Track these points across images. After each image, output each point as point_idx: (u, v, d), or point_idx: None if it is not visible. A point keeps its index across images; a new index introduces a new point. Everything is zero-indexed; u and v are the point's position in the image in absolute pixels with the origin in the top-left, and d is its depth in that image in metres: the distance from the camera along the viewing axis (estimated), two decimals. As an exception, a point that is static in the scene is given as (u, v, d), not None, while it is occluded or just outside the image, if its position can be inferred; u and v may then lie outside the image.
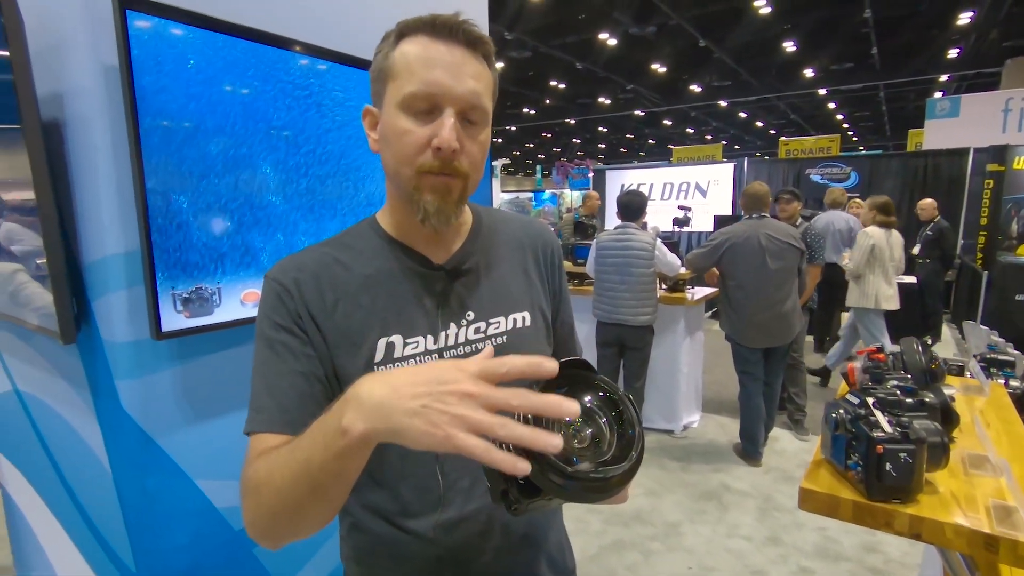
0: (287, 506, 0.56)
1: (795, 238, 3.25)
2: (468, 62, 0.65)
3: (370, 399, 0.48)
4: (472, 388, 0.45)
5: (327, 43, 1.39)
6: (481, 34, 0.67)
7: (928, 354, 1.53)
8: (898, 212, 7.88)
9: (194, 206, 1.17)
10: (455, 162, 0.65)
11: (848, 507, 1.10)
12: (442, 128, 0.63)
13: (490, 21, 1.95)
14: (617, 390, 0.55)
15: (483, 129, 0.68)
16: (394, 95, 0.66)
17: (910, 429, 1.09)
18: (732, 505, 2.98)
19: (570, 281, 4.29)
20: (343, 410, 0.49)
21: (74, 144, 1.13)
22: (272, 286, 0.70)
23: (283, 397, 0.65)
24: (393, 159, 0.67)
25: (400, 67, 0.65)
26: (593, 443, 0.52)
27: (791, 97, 14.10)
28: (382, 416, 0.47)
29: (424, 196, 0.67)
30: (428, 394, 0.46)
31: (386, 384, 0.48)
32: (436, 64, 0.64)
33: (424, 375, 0.48)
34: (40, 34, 1.11)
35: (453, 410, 0.44)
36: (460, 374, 0.46)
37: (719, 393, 4.62)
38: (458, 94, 0.64)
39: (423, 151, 0.65)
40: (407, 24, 0.67)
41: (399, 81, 0.65)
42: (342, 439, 0.49)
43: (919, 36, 9.49)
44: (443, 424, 0.44)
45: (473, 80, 0.65)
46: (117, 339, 1.13)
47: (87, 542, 1.36)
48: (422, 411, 0.45)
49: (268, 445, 0.62)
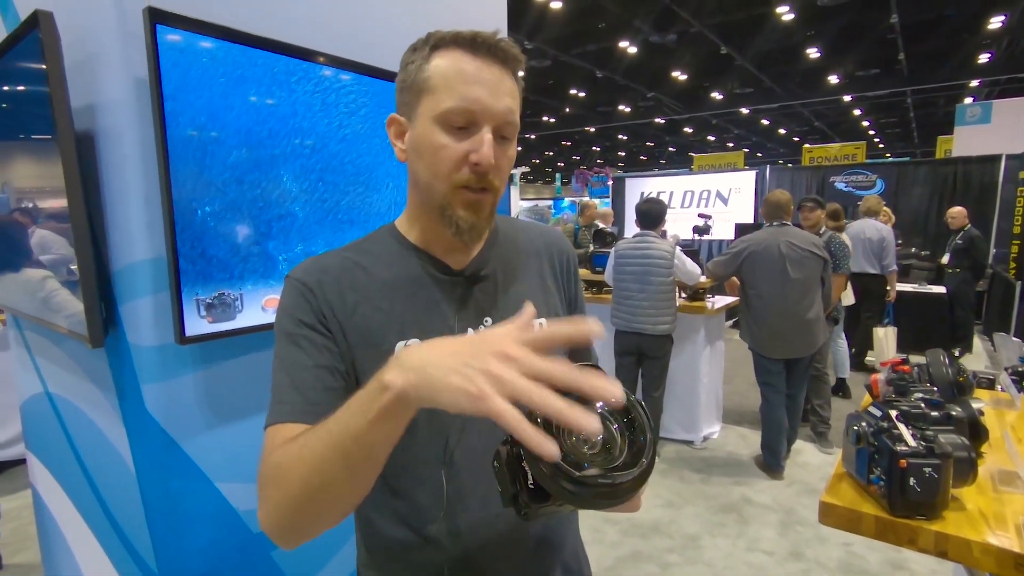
0: (314, 487, 0.54)
1: (817, 246, 3.19)
2: (505, 80, 0.67)
3: (410, 359, 0.49)
4: (514, 351, 0.45)
5: (351, 55, 1.42)
6: (517, 52, 0.68)
7: (955, 366, 1.49)
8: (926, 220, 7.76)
9: (218, 214, 1.20)
10: (489, 176, 0.67)
11: (870, 522, 1.07)
12: (482, 145, 0.65)
13: (510, 30, 1.97)
14: (629, 395, 0.55)
15: (512, 144, 0.70)
16: (430, 109, 0.66)
17: (935, 443, 1.06)
18: (753, 518, 2.92)
19: (588, 289, 4.28)
20: (384, 371, 0.50)
21: (105, 154, 1.17)
22: (295, 285, 0.71)
23: (308, 390, 0.65)
24: (427, 172, 0.68)
25: (437, 81, 0.66)
26: (604, 449, 0.52)
27: (815, 104, 13.90)
28: (422, 374, 0.47)
29: (458, 212, 0.68)
30: (469, 353, 0.46)
31: (428, 347, 0.49)
32: (475, 81, 0.65)
33: (467, 340, 0.48)
34: (75, 49, 1.16)
35: (492, 369, 0.44)
36: (502, 338, 0.46)
37: (740, 404, 4.54)
38: (496, 111, 0.65)
39: (460, 167, 0.66)
40: (441, 37, 0.67)
41: (437, 95, 0.66)
42: (382, 396, 0.48)
43: (948, 41, 9.28)
44: (479, 382, 0.43)
45: (509, 98, 0.67)
46: (143, 343, 1.16)
47: (111, 542, 1.39)
48: (461, 368, 0.45)
49: (292, 434, 0.61)
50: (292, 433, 0.61)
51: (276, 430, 0.64)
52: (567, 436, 0.50)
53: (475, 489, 0.72)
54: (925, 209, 7.85)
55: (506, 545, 0.73)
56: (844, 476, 1.21)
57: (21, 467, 3.22)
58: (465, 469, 0.72)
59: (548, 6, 7.70)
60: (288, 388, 0.66)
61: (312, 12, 1.40)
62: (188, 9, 1.13)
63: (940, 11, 8.15)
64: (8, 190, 1.53)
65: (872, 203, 5.15)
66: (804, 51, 9.87)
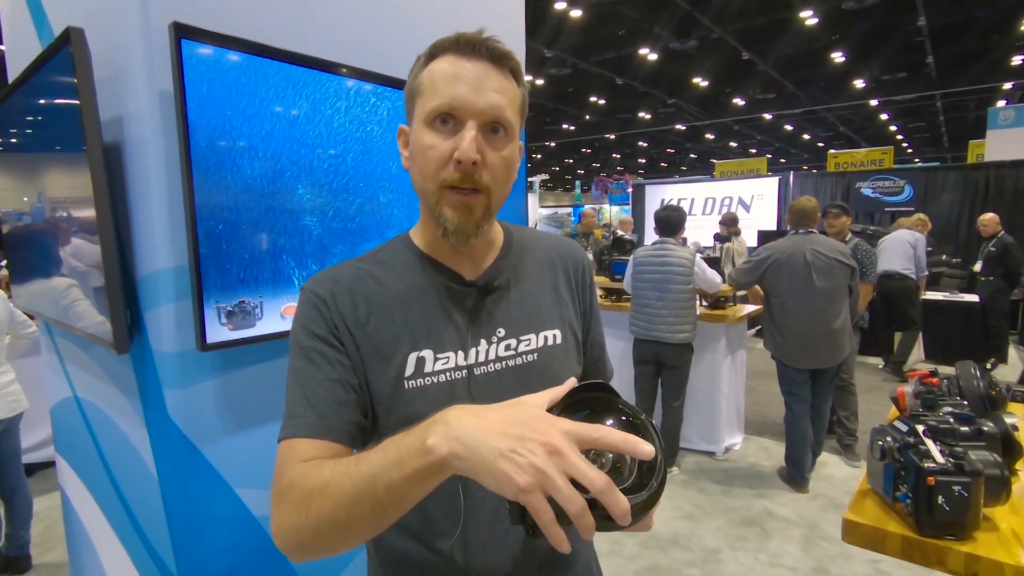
0: (339, 522, 0.54)
1: (844, 254, 3.12)
2: (491, 76, 0.67)
3: (459, 425, 0.49)
4: (562, 446, 0.45)
5: (372, 66, 1.44)
6: (505, 49, 0.68)
7: (987, 378, 1.44)
8: (957, 227, 7.55)
9: (239, 223, 1.22)
10: (476, 175, 0.66)
11: (896, 542, 1.04)
12: (462, 140, 0.64)
13: (530, 39, 1.98)
14: (639, 414, 0.54)
15: (508, 143, 0.69)
16: (420, 112, 0.68)
17: (965, 460, 1.02)
18: (775, 532, 2.85)
19: (607, 297, 4.25)
20: (428, 431, 0.50)
21: (131, 165, 1.20)
22: (308, 297, 0.71)
23: (320, 404, 0.65)
24: (419, 174, 0.69)
25: (427, 85, 0.67)
26: (613, 468, 0.51)
27: (840, 109, 13.66)
28: (469, 446, 0.47)
29: (445, 212, 0.68)
30: (518, 438, 0.46)
31: (477, 416, 0.49)
32: (459, 79, 0.65)
33: (516, 417, 0.48)
34: (105, 63, 1.19)
35: (539, 463, 0.44)
36: (552, 428, 0.46)
37: (762, 414, 4.46)
38: (480, 107, 0.65)
39: (446, 165, 0.66)
40: (437, 44, 0.69)
41: (425, 98, 0.67)
42: (423, 458, 0.49)
43: (979, 43, 9.04)
44: (525, 474, 0.44)
45: (496, 94, 0.66)
46: (165, 350, 1.19)
47: (134, 544, 1.42)
48: (509, 455, 0.45)
49: (306, 451, 0.62)
50: (306, 450, 0.62)
51: (290, 445, 0.64)
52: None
53: (485, 504, 0.71)
54: (956, 215, 7.65)
55: (517, 560, 0.73)
56: (869, 492, 1.17)
57: (51, 469, 3.30)
58: (476, 483, 0.71)
59: (567, 14, 7.71)
60: (301, 402, 0.66)
61: (333, 24, 1.42)
62: (213, 24, 1.16)
63: (970, 13, 7.95)
64: (43, 199, 1.59)
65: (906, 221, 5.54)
66: (828, 55, 9.71)
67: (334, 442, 0.64)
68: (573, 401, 0.55)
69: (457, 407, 0.51)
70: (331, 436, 0.64)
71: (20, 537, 2.59)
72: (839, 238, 3.58)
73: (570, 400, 0.55)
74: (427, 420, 0.52)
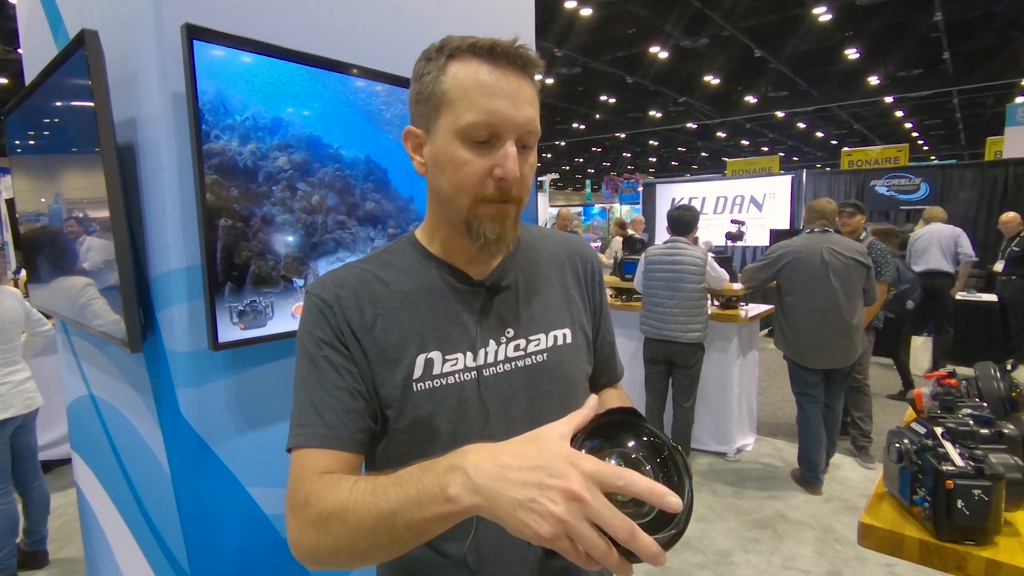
0: (359, 549, 0.55)
1: (861, 253, 3.08)
2: (524, 88, 0.65)
3: (478, 475, 0.49)
4: (582, 492, 0.44)
5: (384, 66, 1.44)
6: (536, 58, 0.66)
7: (1007, 380, 1.41)
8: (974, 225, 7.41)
9: (251, 224, 1.23)
10: (513, 190, 0.66)
11: (914, 546, 1.02)
12: (507, 159, 0.64)
13: (540, 38, 1.97)
14: (666, 441, 0.53)
15: (534, 152, 0.69)
16: (450, 123, 0.65)
17: (985, 463, 1.00)
18: (788, 535, 2.82)
19: (618, 296, 4.23)
20: (448, 479, 0.50)
21: (145, 166, 1.22)
22: (314, 302, 0.71)
23: (328, 413, 0.66)
24: (450, 187, 0.67)
25: (456, 94, 0.64)
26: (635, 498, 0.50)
27: (854, 106, 13.48)
28: (489, 498, 0.47)
29: (484, 225, 0.67)
30: (536, 485, 0.45)
31: (494, 462, 0.49)
32: (495, 93, 0.63)
33: (535, 459, 0.47)
34: (119, 65, 1.20)
35: (559, 512, 0.44)
36: (573, 471, 0.45)
37: (775, 415, 4.41)
38: (518, 122, 0.64)
39: (484, 181, 0.65)
40: (457, 46, 0.65)
41: (456, 109, 0.64)
42: (445, 506, 0.50)
43: (997, 38, 8.87)
44: (546, 524, 0.44)
45: (530, 106, 0.65)
46: (178, 349, 1.20)
47: (148, 541, 1.43)
48: (529, 505, 0.45)
49: (318, 463, 0.63)
50: (318, 461, 0.63)
51: (302, 455, 0.64)
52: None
53: None
54: (973, 214, 7.51)
55: (531, 566, 0.72)
56: (885, 496, 1.15)
57: (67, 466, 3.35)
58: None
59: (577, 13, 7.69)
60: (309, 410, 0.66)
61: (344, 25, 1.43)
62: (225, 25, 1.16)
63: (987, 8, 7.81)
64: (60, 200, 1.61)
65: (938, 213, 5.40)
66: (842, 52, 9.59)
67: (344, 451, 0.65)
68: (597, 426, 0.53)
69: (474, 449, 0.51)
70: (341, 446, 0.65)
71: (37, 532, 2.63)
72: (853, 237, 3.53)
73: (594, 426, 0.53)
74: (445, 461, 0.51)
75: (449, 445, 0.69)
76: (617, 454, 0.52)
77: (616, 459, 0.52)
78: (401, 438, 0.70)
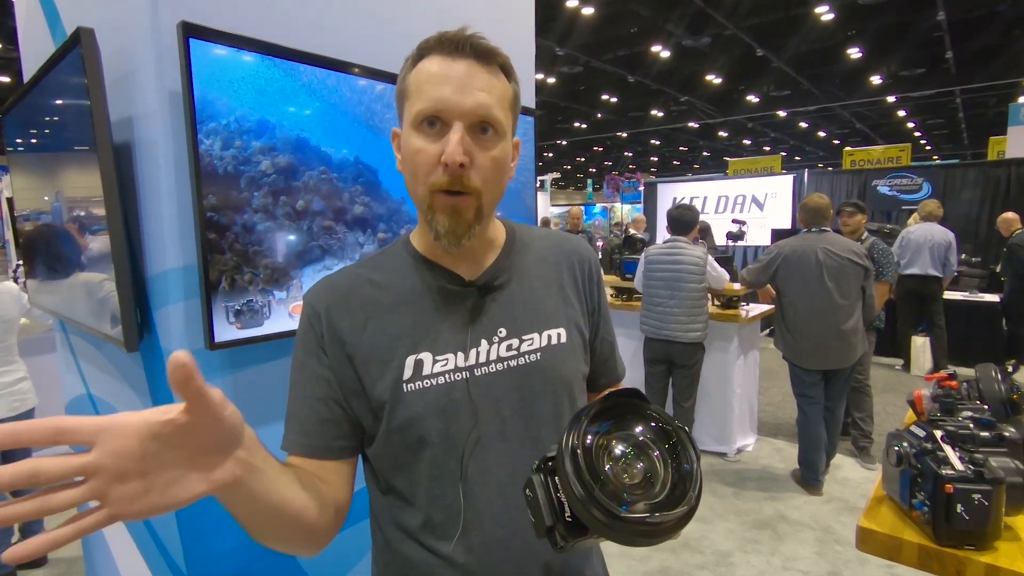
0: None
1: (857, 254, 3.06)
2: (477, 75, 0.65)
3: None
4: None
5: (382, 65, 1.43)
6: (490, 47, 0.67)
7: (1008, 382, 1.40)
8: (977, 225, 7.39)
9: (248, 223, 1.22)
10: (464, 178, 0.65)
11: (912, 551, 1.01)
12: (448, 143, 0.63)
13: (541, 37, 1.97)
14: (672, 422, 0.53)
15: (498, 142, 0.67)
16: (408, 114, 0.67)
17: (985, 467, 0.99)
18: (788, 536, 2.82)
19: (618, 296, 4.22)
20: None
21: (141, 165, 1.21)
22: (305, 310, 0.74)
23: (305, 422, 0.70)
24: (410, 177, 0.69)
25: (413, 88, 0.67)
26: (646, 479, 0.49)
27: (856, 106, 13.44)
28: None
29: (436, 216, 0.67)
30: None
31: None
32: (441, 80, 0.64)
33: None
34: (115, 63, 1.20)
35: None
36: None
37: (775, 415, 4.40)
38: (466, 108, 0.64)
39: (434, 168, 0.65)
40: (423, 45, 0.68)
41: (411, 100, 0.67)
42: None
43: (1000, 38, 8.84)
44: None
45: (483, 92, 0.65)
46: (174, 348, 1.19)
47: (145, 540, 1.43)
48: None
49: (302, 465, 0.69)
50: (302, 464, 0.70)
51: (288, 461, 0.71)
52: (606, 463, 0.48)
53: (490, 507, 0.70)
54: (976, 214, 7.50)
55: (522, 563, 0.72)
56: (884, 499, 1.15)
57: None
58: (479, 485, 0.70)
59: (579, 12, 7.67)
60: (292, 417, 0.73)
61: (342, 23, 1.42)
62: (221, 23, 1.15)
63: (990, 7, 7.78)
64: (60, 199, 1.60)
65: (932, 207, 5.26)
66: (844, 51, 9.56)
67: (321, 459, 0.70)
68: (601, 410, 0.53)
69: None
70: (316, 455, 0.70)
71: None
72: (854, 237, 3.52)
73: (599, 409, 0.53)
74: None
75: (440, 445, 0.69)
76: (623, 438, 0.52)
77: (623, 444, 0.51)
78: (393, 438, 0.70)
